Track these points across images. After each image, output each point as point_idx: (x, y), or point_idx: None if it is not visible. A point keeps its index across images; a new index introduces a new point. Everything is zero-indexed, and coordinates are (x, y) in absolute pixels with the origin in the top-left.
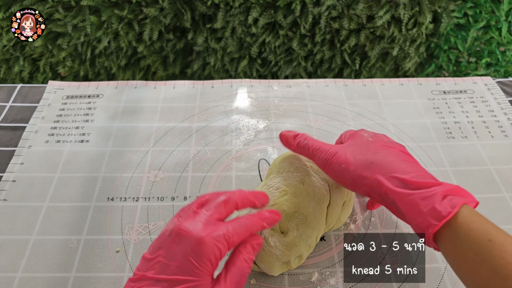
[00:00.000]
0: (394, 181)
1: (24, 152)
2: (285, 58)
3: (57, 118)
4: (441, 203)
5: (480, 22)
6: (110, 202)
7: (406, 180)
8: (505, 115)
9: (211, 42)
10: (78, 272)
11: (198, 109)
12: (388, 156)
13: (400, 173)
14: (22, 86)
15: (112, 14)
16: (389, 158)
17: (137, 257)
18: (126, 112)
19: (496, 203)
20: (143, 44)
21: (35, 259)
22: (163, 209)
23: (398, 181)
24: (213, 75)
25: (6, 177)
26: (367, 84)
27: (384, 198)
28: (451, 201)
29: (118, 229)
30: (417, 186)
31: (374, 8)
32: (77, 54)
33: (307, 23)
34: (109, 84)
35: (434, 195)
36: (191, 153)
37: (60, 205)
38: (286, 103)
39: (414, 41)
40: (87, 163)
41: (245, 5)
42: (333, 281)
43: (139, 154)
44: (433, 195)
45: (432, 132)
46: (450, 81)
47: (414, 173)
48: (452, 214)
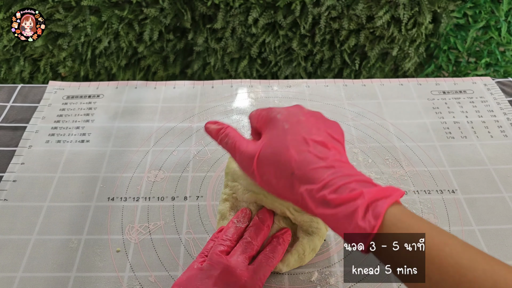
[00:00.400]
0: (316, 199)
1: (24, 152)
2: (285, 58)
3: (57, 118)
4: (364, 218)
5: (479, 22)
6: (110, 202)
7: (327, 198)
8: (505, 115)
9: (211, 42)
10: (79, 272)
11: (198, 109)
12: (307, 157)
13: (320, 186)
14: (23, 86)
15: (113, 14)
16: (307, 160)
17: (137, 257)
18: (126, 112)
19: (496, 203)
20: (143, 44)
21: (35, 259)
22: (163, 209)
23: (320, 199)
24: (213, 75)
25: (6, 177)
26: (366, 84)
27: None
28: (374, 211)
29: (119, 229)
30: (339, 202)
31: (373, 8)
32: (78, 54)
33: (307, 23)
34: (109, 84)
35: (356, 209)
36: (191, 153)
37: (61, 205)
38: (286, 103)
39: (414, 41)
40: (87, 163)
41: (245, 5)
42: (333, 281)
43: (140, 154)
44: (355, 210)
45: (432, 132)
46: (450, 81)
47: (335, 183)
48: (376, 227)
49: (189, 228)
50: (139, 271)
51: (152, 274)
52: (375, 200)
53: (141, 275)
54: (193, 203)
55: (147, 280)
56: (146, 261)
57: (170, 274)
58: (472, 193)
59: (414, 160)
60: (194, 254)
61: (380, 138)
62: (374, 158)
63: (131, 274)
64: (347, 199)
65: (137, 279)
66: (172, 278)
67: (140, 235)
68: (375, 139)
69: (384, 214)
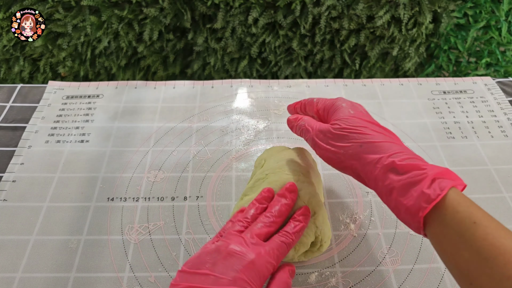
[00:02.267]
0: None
1: (24, 152)
2: (285, 58)
3: (57, 118)
4: (430, 187)
5: (480, 22)
6: (110, 202)
7: (396, 165)
8: (505, 115)
9: (211, 42)
10: (78, 272)
11: (198, 109)
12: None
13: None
14: (22, 86)
15: (112, 14)
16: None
17: (137, 257)
18: (126, 112)
19: (496, 203)
20: (143, 44)
21: (35, 259)
22: (163, 209)
23: (388, 166)
24: (213, 75)
25: (6, 177)
26: (367, 84)
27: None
28: (440, 184)
29: (118, 229)
30: (406, 170)
31: (374, 8)
32: (77, 54)
33: (307, 23)
34: (109, 84)
35: (423, 179)
36: (191, 153)
37: (60, 205)
38: (286, 103)
39: (414, 41)
40: (87, 163)
41: (245, 5)
42: (333, 281)
43: (139, 154)
44: (422, 179)
45: (432, 132)
46: (450, 81)
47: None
48: (441, 196)
49: (189, 228)
50: (138, 271)
51: (152, 274)
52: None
53: (140, 275)
54: (193, 203)
55: (146, 280)
56: (146, 262)
57: (169, 274)
58: (472, 193)
59: None
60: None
61: None
62: None
63: (131, 275)
64: (415, 167)
65: (136, 279)
66: (172, 279)
67: (140, 236)
68: None
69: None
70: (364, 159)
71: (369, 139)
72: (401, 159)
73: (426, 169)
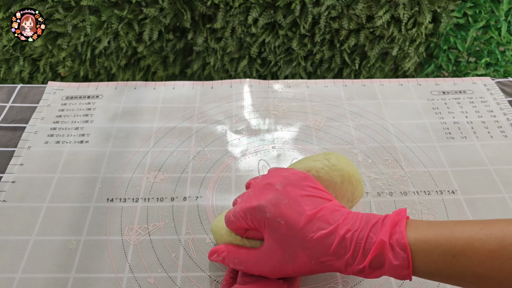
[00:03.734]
0: (349, 272)
1: (23, 152)
2: (285, 58)
3: (56, 119)
4: (394, 255)
5: (479, 22)
6: (109, 203)
7: (359, 273)
8: (505, 115)
9: (211, 42)
10: (78, 273)
11: (198, 109)
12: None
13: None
14: (22, 86)
15: (112, 14)
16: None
17: (136, 258)
18: (125, 112)
19: (496, 203)
20: (143, 44)
21: (34, 260)
22: (162, 210)
23: (351, 272)
24: (213, 75)
25: (5, 178)
26: (366, 84)
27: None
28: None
29: (118, 230)
30: (368, 272)
31: (373, 8)
32: (77, 54)
33: (306, 23)
34: (108, 84)
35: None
36: (191, 153)
37: (60, 206)
38: (285, 104)
39: (414, 41)
40: (86, 163)
41: (245, 5)
42: (333, 281)
43: (139, 154)
44: (384, 261)
45: (432, 133)
46: (449, 82)
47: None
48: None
49: (188, 229)
50: (138, 272)
51: (151, 275)
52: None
53: (140, 276)
54: (193, 204)
55: (146, 281)
56: (145, 262)
57: (169, 275)
58: (472, 194)
59: (414, 160)
60: (193, 255)
61: (379, 139)
62: (373, 158)
63: (130, 275)
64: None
65: (136, 280)
66: (171, 279)
67: (139, 236)
68: (375, 139)
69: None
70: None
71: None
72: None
73: (380, 244)
